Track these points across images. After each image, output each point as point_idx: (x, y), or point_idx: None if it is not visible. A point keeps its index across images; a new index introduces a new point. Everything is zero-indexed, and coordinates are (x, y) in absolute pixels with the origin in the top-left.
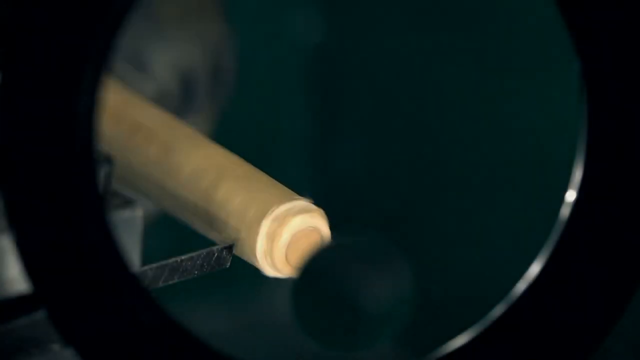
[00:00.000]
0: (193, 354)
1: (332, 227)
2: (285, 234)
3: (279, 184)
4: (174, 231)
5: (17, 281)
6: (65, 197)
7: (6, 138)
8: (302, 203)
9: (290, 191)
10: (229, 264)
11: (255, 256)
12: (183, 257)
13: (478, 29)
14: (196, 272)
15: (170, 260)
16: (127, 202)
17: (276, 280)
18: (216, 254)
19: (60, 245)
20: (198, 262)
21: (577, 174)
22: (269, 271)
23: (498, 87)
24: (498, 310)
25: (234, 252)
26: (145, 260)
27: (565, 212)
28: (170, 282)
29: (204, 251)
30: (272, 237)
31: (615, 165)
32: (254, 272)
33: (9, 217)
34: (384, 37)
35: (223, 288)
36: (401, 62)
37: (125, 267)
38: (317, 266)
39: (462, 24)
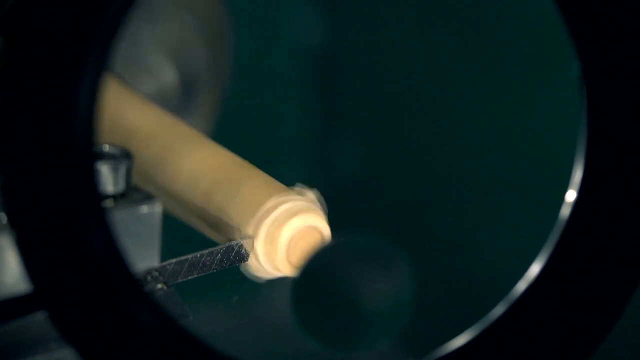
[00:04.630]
0: (193, 354)
1: (332, 227)
2: (285, 234)
3: (279, 183)
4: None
5: (17, 281)
6: (66, 197)
7: (6, 138)
8: (303, 203)
9: (290, 190)
10: (248, 259)
11: (255, 256)
12: (203, 252)
13: (478, 29)
14: (215, 267)
15: (190, 256)
16: (147, 197)
17: (276, 280)
18: (235, 249)
19: (60, 245)
20: (217, 257)
21: (577, 174)
22: (270, 270)
23: (498, 87)
24: (498, 310)
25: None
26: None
27: (565, 212)
28: (189, 278)
29: (223, 246)
30: (272, 237)
31: (615, 166)
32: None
33: (9, 217)
34: (384, 37)
35: (223, 288)
36: (401, 61)
37: (125, 267)
38: (317, 266)
39: (462, 24)
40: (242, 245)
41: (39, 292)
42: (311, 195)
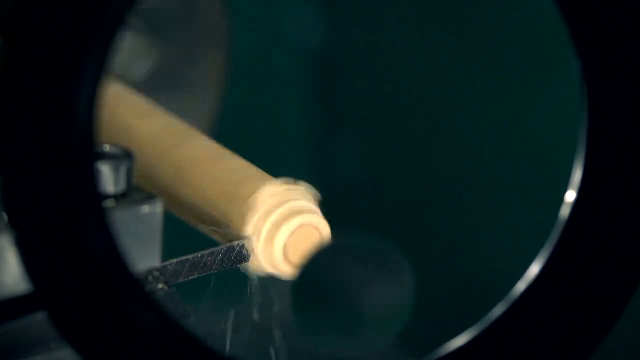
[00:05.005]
0: (193, 354)
1: (332, 227)
2: (284, 234)
3: (278, 183)
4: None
5: (17, 281)
6: (66, 197)
7: (6, 138)
8: (302, 203)
9: (290, 191)
10: (249, 259)
11: (256, 256)
12: (204, 252)
13: (478, 30)
14: (216, 267)
15: (191, 256)
16: (148, 197)
17: (276, 280)
18: (237, 249)
19: (60, 245)
20: (219, 257)
21: (577, 174)
22: (269, 271)
23: (498, 87)
24: (498, 310)
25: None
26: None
27: (565, 212)
28: (190, 278)
29: (224, 246)
30: (272, 237)
31: (615, 166)
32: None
33: (9, 217)
34: (384, 37)
35: (222, 288)
36: (401, 61)
37: (125, 267)
38: (316, 267)
39: (462, 24)
40: (243, 245)
41: (39, 292)
42: (303, 188)
